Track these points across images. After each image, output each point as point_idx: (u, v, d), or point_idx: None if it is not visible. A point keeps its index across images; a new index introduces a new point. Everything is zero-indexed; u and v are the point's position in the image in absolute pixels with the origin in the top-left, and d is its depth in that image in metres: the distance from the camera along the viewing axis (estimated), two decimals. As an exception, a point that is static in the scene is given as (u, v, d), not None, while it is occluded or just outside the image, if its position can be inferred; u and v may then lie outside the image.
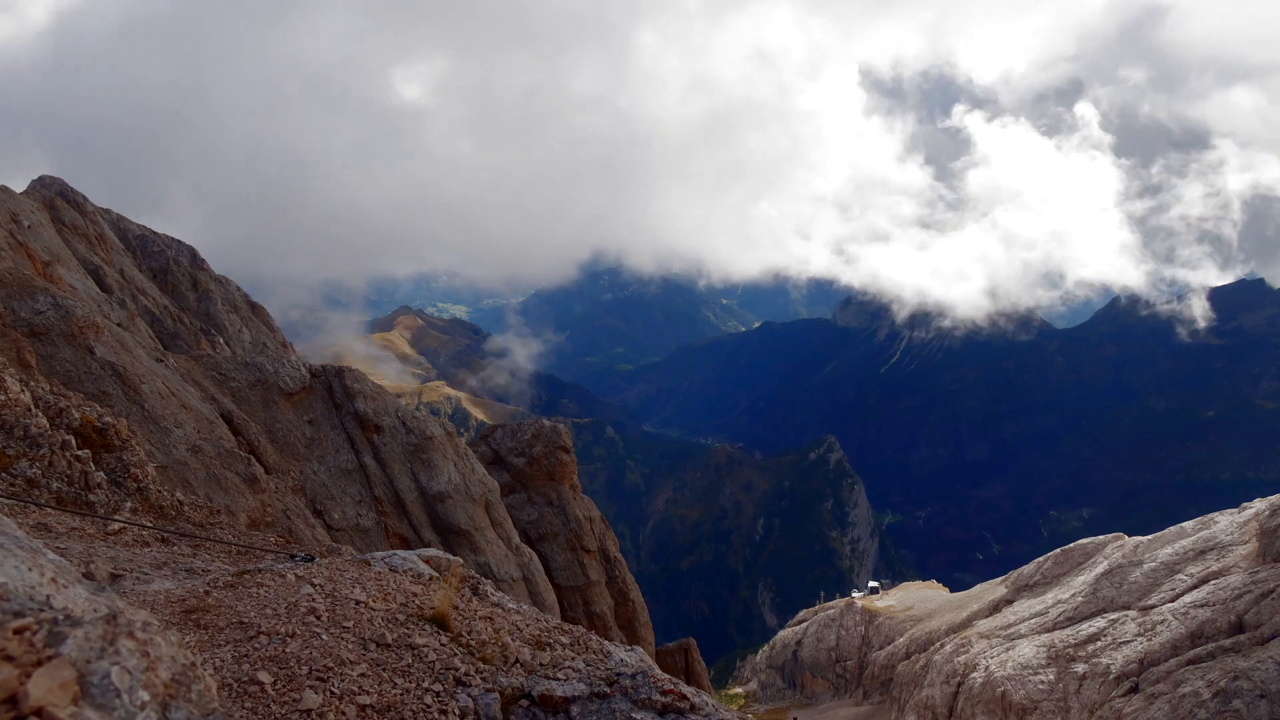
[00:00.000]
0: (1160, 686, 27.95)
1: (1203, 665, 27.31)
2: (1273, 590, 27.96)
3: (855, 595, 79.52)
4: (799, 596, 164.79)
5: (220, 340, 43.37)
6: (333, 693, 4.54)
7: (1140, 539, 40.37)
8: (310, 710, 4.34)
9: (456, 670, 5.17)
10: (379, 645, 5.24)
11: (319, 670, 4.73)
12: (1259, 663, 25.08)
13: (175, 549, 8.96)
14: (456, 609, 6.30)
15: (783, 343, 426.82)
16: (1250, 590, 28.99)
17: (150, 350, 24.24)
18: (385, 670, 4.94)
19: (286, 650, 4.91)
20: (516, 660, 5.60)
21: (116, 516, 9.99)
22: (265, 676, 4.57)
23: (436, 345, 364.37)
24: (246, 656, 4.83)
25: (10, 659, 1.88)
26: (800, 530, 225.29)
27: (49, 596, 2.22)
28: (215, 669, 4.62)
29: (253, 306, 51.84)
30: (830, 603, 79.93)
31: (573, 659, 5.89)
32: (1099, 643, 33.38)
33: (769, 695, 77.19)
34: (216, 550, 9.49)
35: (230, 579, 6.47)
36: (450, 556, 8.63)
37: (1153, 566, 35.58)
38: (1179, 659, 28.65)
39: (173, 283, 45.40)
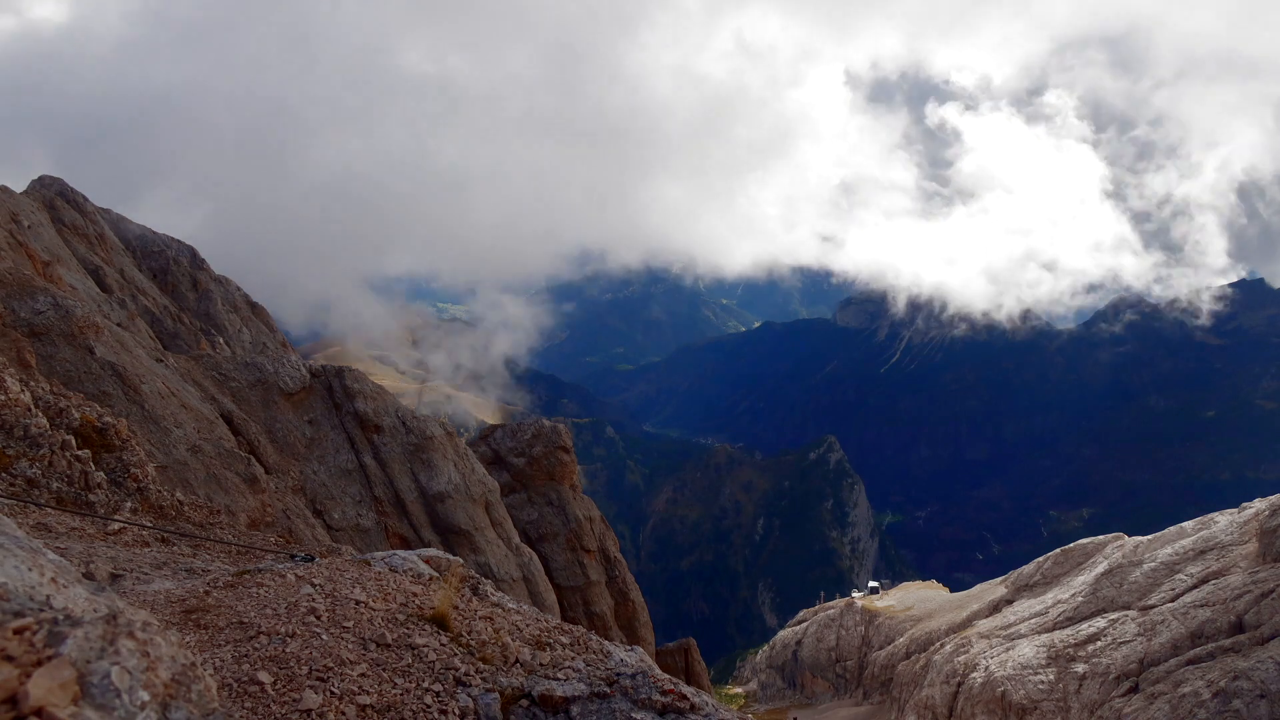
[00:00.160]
0: (1160, 686, 27.96)
1: (1203, 665, 27.31)
2: (1273, 590, 27.96)
3: (855, 595, 79.52)
4: (799, 596, 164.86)
5: (220, 340, 43.41)
6: (333, 693, 4.54)
7: (1140, 539, 40.37)
8: (310, 710, 4.34)
9: (456, 670, 5.16)
10: (379, 645, 5.23)
11: (319, 670, 4.73)
12: (1259, 663, 25.08)
13: (175, 549, 8.96)
14: (456, 609, 6.29)
15: (783, 342, 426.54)
16: (1250, 590, 28.98)
17: (150, 350, 24.25)
18: (385, 670, 4.94)
19: (286, 650, 4.91)
20: (516, 660, 5.60)
21: (116, 516, 9.99)
22: (265, 676, 4.57)
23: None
24: (246, 656, 4.83)
25: (10, 659, 1.88)
26: (800, 530, 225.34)
27: (49, 596, 2.22)
28: (215, 669, 4.62)
29: (253, 306, 51.91)
30: (830, 603, 79.94)
31: (573, 659, 5.89)
32: (1099, 643, 33.38)
33: (769, 695, 77.19)
34: (216, 550, 9.49)
35: (230, 579, 6.47)
36: (450, 556, 8.63)
37: (1153, 566, 35.57)
38: (1179, 659, 28.65)
39: (173, 283, 45.44)
